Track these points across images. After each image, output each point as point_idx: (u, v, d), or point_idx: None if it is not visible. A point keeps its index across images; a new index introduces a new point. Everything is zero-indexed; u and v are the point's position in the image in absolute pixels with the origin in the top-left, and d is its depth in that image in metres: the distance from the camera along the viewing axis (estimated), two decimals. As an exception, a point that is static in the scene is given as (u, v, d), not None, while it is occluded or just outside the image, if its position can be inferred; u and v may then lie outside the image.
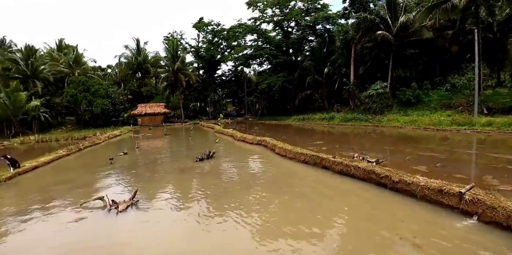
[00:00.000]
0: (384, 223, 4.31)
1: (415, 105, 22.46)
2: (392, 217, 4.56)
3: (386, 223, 4.31)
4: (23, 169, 9.66)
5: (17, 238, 4.42)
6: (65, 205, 5.91)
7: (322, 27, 37.93)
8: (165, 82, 46.44)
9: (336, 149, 10.75)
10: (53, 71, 36.67)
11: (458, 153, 9.73)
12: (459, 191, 4.46)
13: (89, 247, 4.01)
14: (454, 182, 5.02)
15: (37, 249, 4.05)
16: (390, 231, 3.99)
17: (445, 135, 14.58)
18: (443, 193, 4.70)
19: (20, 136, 27.48)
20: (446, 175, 6.34)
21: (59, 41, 44.75)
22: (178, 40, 46.61)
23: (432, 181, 5.09)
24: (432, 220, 4.33)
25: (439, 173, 6.52)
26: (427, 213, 4.56)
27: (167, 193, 6.55)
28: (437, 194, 4.79)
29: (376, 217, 4.57)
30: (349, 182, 6.55)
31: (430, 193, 4.89)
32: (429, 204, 4.81)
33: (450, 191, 4.62)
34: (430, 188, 4.92)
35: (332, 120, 26.05)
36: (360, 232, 4.09)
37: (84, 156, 13.98)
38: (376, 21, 24.48)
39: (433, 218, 4.38)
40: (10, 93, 28.93)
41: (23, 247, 4.11)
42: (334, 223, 4.42)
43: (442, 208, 4.61)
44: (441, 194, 4.74)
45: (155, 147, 17.10)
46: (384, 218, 4.52)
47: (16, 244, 4.22)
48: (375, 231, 4.03)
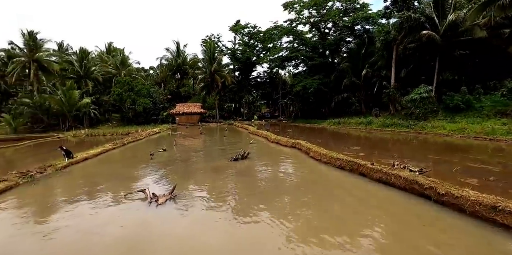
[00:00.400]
0: (427, 236, 4.04)
1: (464, 111, 20.66)
2: (436, 231, 4.25)
3: (429, 236, 4.03)
4: (75, 159, 10.65)
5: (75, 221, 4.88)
6: (111, 195, 6.40)
7: (361, 27, 36.54)
8: (202, 83, 48.12)
9: (374, 156, 10.29)
10: (102, 72, 40.01)
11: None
12: (517, 209, 4.04)
13: (132, 235, 4.31)
14: (510, 198, 4.54)
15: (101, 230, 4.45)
16: (434, 246, 3.74)
17: (499, 145, 13.22)
18: (497, 210, 4.28)
19: (73, 129, 30.38)
20: (501, 191, 5.76)
21: (108, 44, 48.68)
22: (215, 43, 47.99)
23: (484, 196, 4.66)
24: (482, 239, 3.97)
25: (492, 188, 5.96)
26: (477, 230, 4.18)
27: (202, 190, 6.79)
28: (490, 211, 4.38)
29: (418, 229, 4.30)
30: (388, 191, 6.23)
31: (482, 209, 4.48)
32: (480, 221, 4.41)
33: (506, 208, 4.20)
34: (482, 204, 4.50)
35: (370, 125, 24.95)
36: (397, 244, 3.88)
37: (128, 150, 15.00)
38: (421, 20, 22.99)
39: (483, 236, 4.01)
40: (66, 91, 32.08)
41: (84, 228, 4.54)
42: (370, 234, 4.23)
43: (495, 226, 4.21)
44: (495, 211, 4.32)
45: (191, 145, 17.78)
46: (427, 231, 4.24)
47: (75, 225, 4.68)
48: (417, 244, 3.80)
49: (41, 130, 32.38)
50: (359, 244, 3.88)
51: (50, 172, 8.76)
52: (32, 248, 4.01)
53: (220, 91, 46.75)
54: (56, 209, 5.56)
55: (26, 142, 20.12)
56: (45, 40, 36.56)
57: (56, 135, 26.83)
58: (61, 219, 5.00)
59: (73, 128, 32.12)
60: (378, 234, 4.18)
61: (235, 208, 5.41)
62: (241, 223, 4.67)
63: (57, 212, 5.38)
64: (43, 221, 4.92)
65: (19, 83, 38.05)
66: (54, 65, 35.17)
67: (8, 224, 4.90)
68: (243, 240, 4.16)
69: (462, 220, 4.54)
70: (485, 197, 4.61)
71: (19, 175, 7.82)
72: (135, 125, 33.03)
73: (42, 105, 32.80)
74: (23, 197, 6.48)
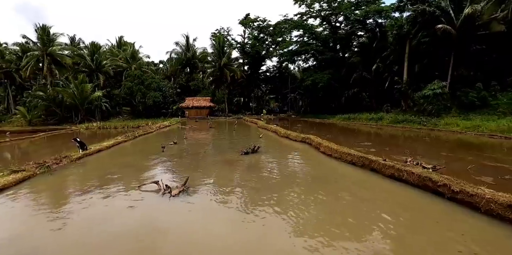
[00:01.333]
0: (441, 233, 4.01)
1: (480, 108, 20.11)
2: (451, 228, 4.22)
3: (442, 233, 4.01)
4: (89, 151, 10.92)
5: (91, 211, 5.03)
6: (125, 185, 6.54)
7: (373, 21, 35.63)
8: (211, 77, 48.21)
9: (385, 152, 10.16)
10: (113, 66, 40.46)
11: (532, 165, 8.54)
12: (535, 208, 3.97)
13: (145, 225, 4.42)
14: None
15: (110, 221, 4.59)
16: (448, 243, 3.72)
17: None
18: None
19: (85, 122, 31.01)
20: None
21: (119, 38, 49.04)
22: (225, 37, 47.86)
23: (500, 194, 4.57)
24: (496, 237, 3.93)
25: (508, 186, 5.83)
26: (492, 228, 4.13)
27: (213, 182, 6.87)
28: (506, 210, 4.30)
29: (431, 225, 4.28)
30: (400, 187, 6.18)
31: (497, 207, 4.40)
32: (494, 219, 4.35)
33: (523, 207, 4.13)
34: (497, 202, 4.43)
35: (381, 121, 24.60)
36: (407, 238, 3.87)
37: (139, 143, 15.26)
38: (436, 14, 22.31)
39: (498, 236, 3.96)
40: (78, 84, 32.65)
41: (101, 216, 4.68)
42: (380, 229, 4.22)
43: (510, 225, 4.14)
44: (511, 210, 4.25)
45: (201, 138, 17.95)
46: (440, 227, 4.21)
47: (93, 214, 4.83)
48: (431, 240, 3.79)
49: (54, 122, 33.19)
50: (364, 239, 3.88)
51: (66, 163, 9.01)
52: (46, 236, 4.15)
53: (229, 86, 46.78)
54: (71, 199, 5.73)
55: (41, 134, 20.67)
56: (58, 34, 37.17)
57: (69, 127, 27.47)
58: (76, 209, 5.15)
59: (85, 120, 32.80)
60: (388, 230, 4.18)
61: (246, 201, 5.48)
62: (252, 216, 4.73)
63: (72, 202, 5.54)
64: (58, 211, 5.08)
65: (33, 77, 38.95)
66: (66, 59, 35.76)
67: (25, 213, 5.09)
68: (253, 232, 4.22)
69: (477, 218, 4.48)
70: (501, 195, 4.52)
71: (36, 165, 8.07)
72: (145, 119, 33.50)
73: (55, 98, 33.54)
74: (40, 187, 6.70)
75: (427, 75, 25.67)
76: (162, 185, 6.10)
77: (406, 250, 3.63)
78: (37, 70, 36.93)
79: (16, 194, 6.10)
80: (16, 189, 6.46)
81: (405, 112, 24.74)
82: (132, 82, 37.76)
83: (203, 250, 3.73)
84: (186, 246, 3.85)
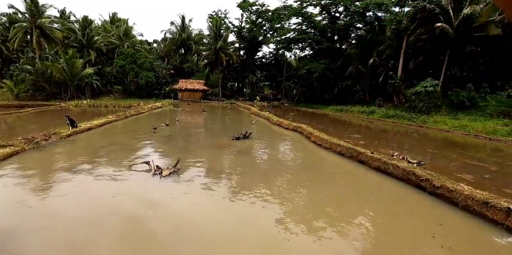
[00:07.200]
0: (418, 224, 4.25)
1: (468, 109, 20.60)
2: (428, 219, 4.47)
3: (420, 224, 4.25)
4: (79, 129, 10.79)
5: (85, 187, 5.06)
6: (115, 165, 6.54)
7: (373, 14, 35.19)
8: (206, 60, 47.31)
9: (373, 145, 10.43)
10: (105, 42, 39.00)
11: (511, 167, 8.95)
12: (507, 207, 4.22)
13: (135, 205, 4.49)
14: (503, 196, 4.73)
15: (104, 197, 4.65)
16: (423, 233, 3.96)
17: (498, 145, 13.34)
18: (489, 206, 4.47)
19: (75, 99, 30.24)
20: (495, 189, 5.95)
21: (112, 14, 47.05)
22: (222, 19, 46.55)
23: (478, 191, 4.84)
24: (471, 231, 4.20)
25: (487, 185, 6.14)
26: (467, 223, 4.40)
27: (204, 165, 6.98)
28: (482, 206, 4.56)
29: (409, 216, 4.52)
30: (384, 179, 6.43)
31: (474, 204, 4.67)
32: (471, 215, 4.62)
33: (497, 205, 4.38)
34: (474, 199, 4.69)
35: (372, 115, 24.94)
36: (388, 229, 4.09)
37: (130, 123, 15.11)
38: (435, 12, 22.21)
39: (473, 229, 4.23)
40: (68, 60, 31.50)
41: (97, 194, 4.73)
42: (360, 218, 4.42)
43: (485, 221, 4.41)
44: (486, 206, 4.50)
45: (194, 121, 17.88)
46: (419, 218, 4.45)
47: (86, 190, 4.87)
48: (407, 231, 4.02)
49: (43, 98, 32.21)
50: (345, 227, 4.09)
51: (55, 140, 8.90)
52: (34, 212, 4.13)
53: (224, 70, 46.07)
54: (60, 176, 5.71)
55: (28, 109, 20.17)
56: (47, 6, 35.31)
57: (58, 103, 26.81)
58: (64, 186, 5.16)
59: (75, 97, 31.98)
60: (368, 219, 4.40)
61: (235, 184, 5.63)
62: (239, 199, 4.88)
63: (61, 179, 5.53)
64: (47, 187, 5.07)
65: (21, 50, 37.23)
66: (56, 33, 34.25)
67: (14, 189, 5.04)
68: (240, 213, 4.39)
69: (455, 212, 4.75)
70: (478, 192, 4.79)
71: (25, 141, 7.95)
72: (137, 99, 32.95)
73: (44, 72, 32.31)
74: (29, 162, 6.65)
75: (421, 72, 25.93)
76: (153, 165, 6.15)
77: (385, 234, 3.86)
78: (25, 42, 35.31)
79: (3, 169, 6.04)
80: (4, 163, 6.39)
81: (397, 108, 25.12)
82: (125, 61, 36.69)
83: (192, 225, 3.87)
84: (174, 221, 3.98)
